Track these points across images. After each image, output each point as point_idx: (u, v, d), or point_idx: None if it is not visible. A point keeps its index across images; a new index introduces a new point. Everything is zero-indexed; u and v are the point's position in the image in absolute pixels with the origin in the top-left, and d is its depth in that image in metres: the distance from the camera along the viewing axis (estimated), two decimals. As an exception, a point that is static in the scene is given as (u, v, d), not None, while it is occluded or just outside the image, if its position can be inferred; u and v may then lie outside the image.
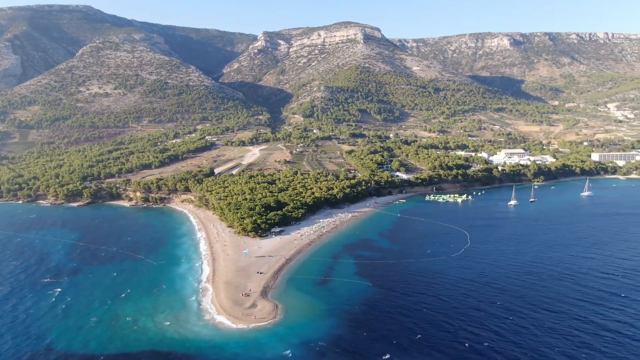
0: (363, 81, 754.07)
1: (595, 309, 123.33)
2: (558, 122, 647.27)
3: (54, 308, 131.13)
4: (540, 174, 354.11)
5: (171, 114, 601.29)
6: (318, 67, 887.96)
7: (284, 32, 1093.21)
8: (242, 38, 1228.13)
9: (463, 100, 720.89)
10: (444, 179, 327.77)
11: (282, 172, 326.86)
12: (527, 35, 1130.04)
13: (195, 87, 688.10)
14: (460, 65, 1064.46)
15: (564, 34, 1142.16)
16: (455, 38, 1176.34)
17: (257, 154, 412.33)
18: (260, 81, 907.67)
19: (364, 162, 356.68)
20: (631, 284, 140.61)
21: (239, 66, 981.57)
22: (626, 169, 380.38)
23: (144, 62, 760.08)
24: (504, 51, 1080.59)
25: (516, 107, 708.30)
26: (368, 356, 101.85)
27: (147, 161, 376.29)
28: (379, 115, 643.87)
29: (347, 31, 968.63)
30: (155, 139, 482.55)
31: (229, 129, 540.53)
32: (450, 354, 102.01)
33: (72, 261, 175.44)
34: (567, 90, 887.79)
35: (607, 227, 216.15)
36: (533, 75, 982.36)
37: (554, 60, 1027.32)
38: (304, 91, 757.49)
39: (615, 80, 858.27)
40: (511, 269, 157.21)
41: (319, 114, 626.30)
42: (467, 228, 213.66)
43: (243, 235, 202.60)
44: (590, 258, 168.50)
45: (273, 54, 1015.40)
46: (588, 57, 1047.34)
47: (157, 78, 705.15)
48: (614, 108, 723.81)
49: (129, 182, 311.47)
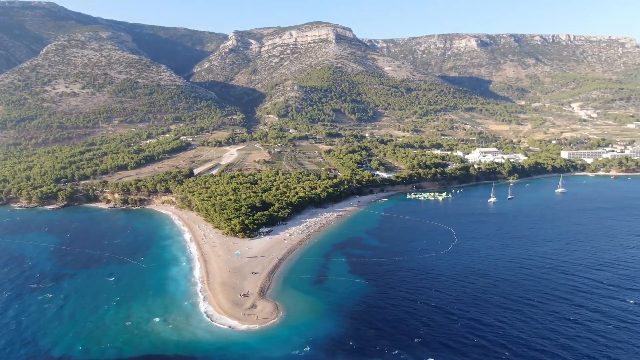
0: (336, 81, 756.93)
1: (586, 298, 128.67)
2: (526, 121, 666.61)
3: (46, 314, 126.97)
4: (515, 172, 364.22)
5: (143, 114, 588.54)
6: (290, 67, 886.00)
7: (255, 32, 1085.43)
8: (212, 37, 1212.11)
9: (434, 100, 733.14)
10: (424, 177, 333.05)
11: (262, 172, 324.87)
12: (493, 36, 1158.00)
13: (167, 87, 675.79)
14: (429, 65, 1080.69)
15: (528, 35, 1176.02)
16: (424, 39, 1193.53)
17: (235, 154, 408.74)
18: (232, 81, 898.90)
19: (344, 161, 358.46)
20: (616, 275, 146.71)
21: (210, 65, 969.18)
22: (594, 166, 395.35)
23: (113, 60, 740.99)
24: (472, 52, 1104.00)
25: (485, 107, 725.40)
26: (377, 352, 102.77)
27: (122, 162, 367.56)
28: (353, 115, 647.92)
29: (319, 31, 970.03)
30: (129, 140, 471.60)
31: (203, 129, 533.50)
32: (459, 347, 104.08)
33: (57, 266, 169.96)
34: (532, 91, 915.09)
35: (584, 222, 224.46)
36: (500, 76, 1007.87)
37: (519, 61, 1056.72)
38: (277, 91, 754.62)
39: (577, 81, 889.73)
40: (501, 263, 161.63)
41: (293, 113, 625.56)
42: (452, 225, 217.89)
43: (232, 236, 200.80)
44: (574, 251, 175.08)
45: (244, 54, 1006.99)
46: (551, 58, 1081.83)
47: (126, 77, 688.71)
48: (577, 108, 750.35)
49: (106, 183, 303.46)
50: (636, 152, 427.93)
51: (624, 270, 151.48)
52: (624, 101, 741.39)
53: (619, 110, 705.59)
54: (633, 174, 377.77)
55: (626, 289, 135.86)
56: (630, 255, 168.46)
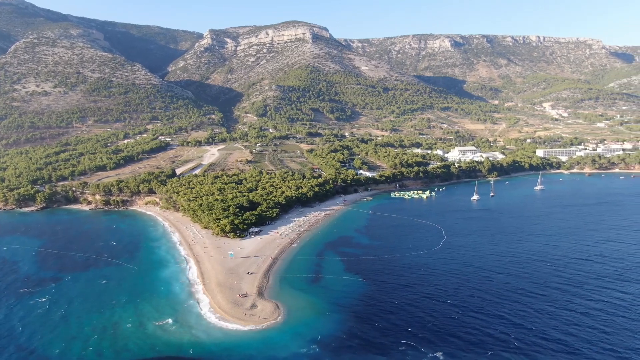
0: (314, 80, 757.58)
1: (578, 288, 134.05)
2: (500, 120, 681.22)
3: (41, 319, 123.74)
4: (494, 170, 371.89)
5: (118, 113, 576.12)
6: (267, 66, 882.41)
7: (230, 30, 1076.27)
8: (186, 35, 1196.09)
9: (411, 99, 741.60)
10: (407, 176, 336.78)
11: (246, 171, 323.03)
12: (466, 37, 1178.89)
13: (143, 86, 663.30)
14: (404, 65, 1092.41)
15: (500, 36, 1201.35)
16: (399, 39, 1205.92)
17: (216, 154, 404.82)
18: (208, 80, 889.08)
19: (327, 160, 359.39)
20: (603, 266, 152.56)
21: (185, 64, 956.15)
22: (569, 164, 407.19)
23: (85, 59, 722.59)
24: (446, 52, 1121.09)
25: (461, 106, 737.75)
26: (385, 347, 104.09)
27: (100, 163, 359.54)
28: (332, 115, 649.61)
29: (296, 30, 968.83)
30: (105, 140, 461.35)
31: (182, 129, 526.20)
32: (466, 339, 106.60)
33: (45, 269, 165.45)
34: (505, 90, 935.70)
35: (566, 217, 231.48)
36: (473, 76, 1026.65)
37: (492, 61, 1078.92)
38: (254, 90, 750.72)
39: (548, 81, 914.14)
40: (492, 259, 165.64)
41: (272, 113, 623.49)
42: (439, 223, 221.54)
43: (222, 237, 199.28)
44: (560, 245, 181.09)
45: (220, 52, 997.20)
46: (522, 59, 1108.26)
47: (100, 76, 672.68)
48: (549, 107, 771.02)
49: (86, 184, 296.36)
50: (607, 150, 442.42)
51: (609, 262, 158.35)
52: (592, 101, 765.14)
53: (588, 109, 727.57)
54: (606, 171, 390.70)
55: (614, 279, 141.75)
56: (613, 248, 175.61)
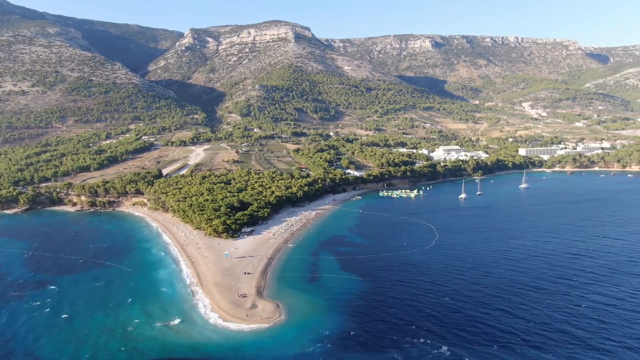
0: (297, 80, 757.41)
1: (572, 282, 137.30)
2: (482, 120, 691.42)
3: (45, 322, 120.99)
4: (479, 169, 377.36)
5: (99, 113, 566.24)
6: (250, 66, 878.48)
7: (212, 30, 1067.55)
8: (166, 34, 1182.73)
9: (394, 99, 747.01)
10: (394, 175, 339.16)
11: (234, 171, 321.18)
12: (446, 37, 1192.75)
13: (124, 85, 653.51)
14: (386, 65, 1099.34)
15: (479, 37, 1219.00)
16: (380, 39, 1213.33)
17: (201, 154, 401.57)
18: (190, 79, 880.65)
19: (315, 160, 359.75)
20: (593, 261, 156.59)
21: (166, 64, 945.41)
22: (550, 162, 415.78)
23: (64, 58, 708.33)
24: (427, 52, 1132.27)
25: (443, 106, 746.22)
26: (391, 344, 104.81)
27: (84, 163, 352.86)
28: (316, 114, 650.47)
29: (278, 30, 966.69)
30: (87, 140, 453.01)
31: (165, 129, 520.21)
32: (470, 334, 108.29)
33: (36, 272, 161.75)
34: (485, 90, 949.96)
35: (553, 215, 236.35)
36: (454, 76, 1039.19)
37: (471, 62, 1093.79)
38: (237, 90, 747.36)
39: (527, 82, 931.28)
40: (486, 255, 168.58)
41: (256, 113, 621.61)
42: (429, 221, 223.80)
43: (215, 237, 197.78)
44: (550, 242, 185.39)
45: (201, 52, 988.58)
46: (501, 59, 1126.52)
47: (79, 75, 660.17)
48: (528, 107, 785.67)
49: (71, 185, 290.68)
50: (587, 149, 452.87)
51: (599, 257, 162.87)
52: (570, 100, 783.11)
53: (566, 109, 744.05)
54: (586, 170, 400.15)
55: (604, 274, 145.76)
56: (601, 244, 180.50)
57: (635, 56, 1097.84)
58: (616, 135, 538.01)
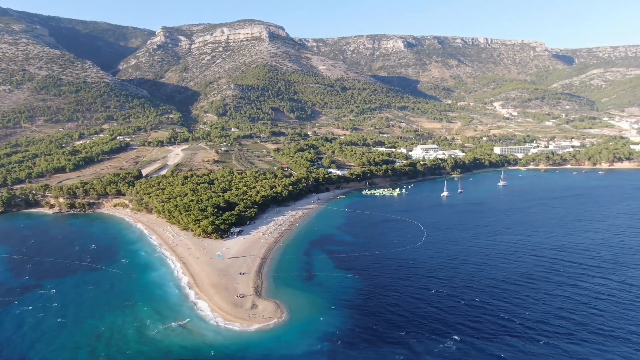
0: (272, 80, 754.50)
1: (560, 277, 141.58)
2: (455, 119, 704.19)
3: (34, 327, 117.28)
4: (457, 167, 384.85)
5: (70, 113, 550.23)
6: (224, 65, 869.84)
7: (184, 28, 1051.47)
8: (137, 32, 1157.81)
9: (369, 99, 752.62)
10: (376, 174, 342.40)
11: (215, 172, 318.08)
12: (418, 38, 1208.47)
13: (95, 84, 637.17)
14: (359, 65, 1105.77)
15: (450, 37, 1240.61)
16: (353, 39, 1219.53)
17: (180, 154, 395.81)
18: (162, 78, 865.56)
19: (296, 159, 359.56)
20: (578, 254, 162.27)
21: (137, 62, 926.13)
22: (525, 160, 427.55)
23: (31, 55, 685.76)
24: (399, 52, 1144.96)
25: (417, 106, 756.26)
26: (398, 339, 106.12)
27: (59, 164, 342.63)
28: (292, 114, 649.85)
29: (252, 29, 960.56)
30: (59, 140, 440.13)
31: (140, 129, 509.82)
32: (476, 325, 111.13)
33: (22, 277, 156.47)
34: (457, 90, 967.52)
35: (534, 211, 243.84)
36: (426, 76, 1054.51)
37: (443, 62, 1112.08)
38: (212, 89, 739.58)
39: (497, 82, 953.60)
40: (476, 251, 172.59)
41: (232, 112, 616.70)
42: (416, 219, 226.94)
43: (204, 238, 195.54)
44: (534, 236, 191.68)
45: (174, 50, 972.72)
46: (472, 59, 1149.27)
47: (48, 73, 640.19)
48: (499, 106, 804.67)
49: (47, 187, 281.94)
50: (559, 147, 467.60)
51: (582, 250, 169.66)
52: (539, 100, 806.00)
53: (535, 109, 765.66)
54: (559, 167, 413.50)
55: (589, 265, 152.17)
56: (582, 238, 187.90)
57: (598, 57, 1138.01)
58: (584, 134, 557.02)
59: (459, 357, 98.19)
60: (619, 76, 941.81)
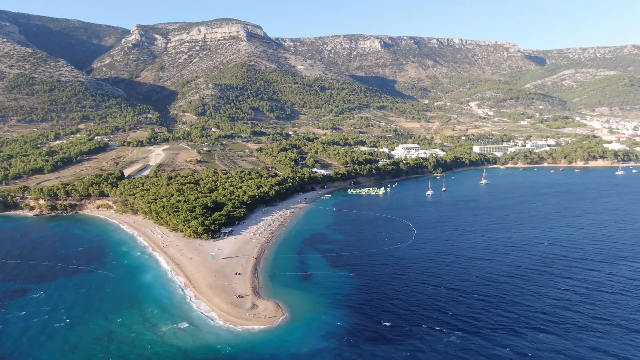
0: (251, 79, 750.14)
1: (552, 270, 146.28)
2: (433, 119, 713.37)
3: (26, 332, 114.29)
4: (439, 166, 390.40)
5: (44, 112, 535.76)
6: (201, 64, 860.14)
7: (160, 27, 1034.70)
8: (110, 31, 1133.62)
9: (348, 98, 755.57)
10: (360, 173, 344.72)
11: (199, 172, 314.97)
12: (395, 38, 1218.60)
13: (69, 83, 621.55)
14: (337, 65, 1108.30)
15: (426, 38, 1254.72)
16: (330, 39, 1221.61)
17: (162, 154, 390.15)
18: (138, 78, 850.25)
19: (280, 159, 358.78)
20: (564, 249, 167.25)
21: (112, 61, 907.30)
22: (503, 159, 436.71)
23: (1, 54, 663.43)
24: (376, 52, 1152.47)
25: (395, 105, 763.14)
26: (404, 333, 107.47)
27: (36, 165, 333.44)
28: (272, 113, 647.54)
29: (229, 28, 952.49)
30: (34, 141, 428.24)
31: (119, 129, 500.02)
32: (478, 318, 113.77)
33: (10, 280, 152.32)
34: (434, 90, 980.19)
35: (517, 208, 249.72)
36: (403, 76, 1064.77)
37: (419, 62, 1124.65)
38: (190, 89, 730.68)
39: (472, 82, 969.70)
40: (467, 247, 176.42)
41: (211, 112, 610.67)
42: (404, 217, 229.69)
43: (194, 238, 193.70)
44: (521, 232, 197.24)
45: (150, 49, 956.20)
46: (448, 60, 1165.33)
47: (20, 72, 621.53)
48: (475, 106, 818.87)
49: (27, 188, 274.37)
50: (535, 146, 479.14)
51: (568, 245, 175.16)
52: (513, 100, 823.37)
53: (510, 108, 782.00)
54: (537, 166, 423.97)
55: (577, 259, 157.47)
56: (567, 233, 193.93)
57: (569, 59, 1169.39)
58: (559, 133, 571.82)
59: (465, 351, 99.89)
60: (589, 77, 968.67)
